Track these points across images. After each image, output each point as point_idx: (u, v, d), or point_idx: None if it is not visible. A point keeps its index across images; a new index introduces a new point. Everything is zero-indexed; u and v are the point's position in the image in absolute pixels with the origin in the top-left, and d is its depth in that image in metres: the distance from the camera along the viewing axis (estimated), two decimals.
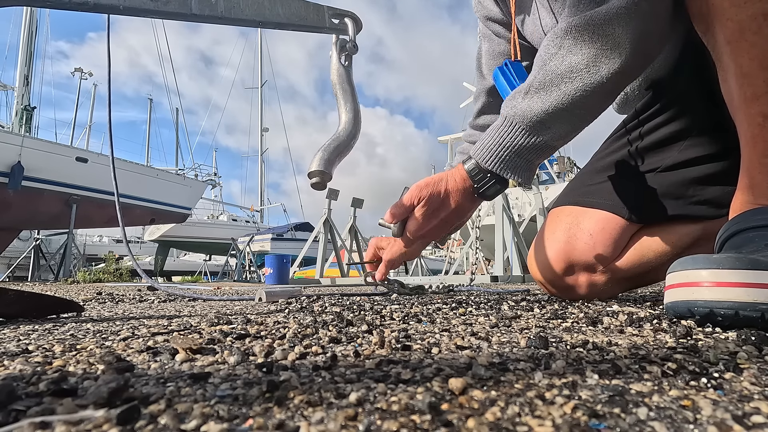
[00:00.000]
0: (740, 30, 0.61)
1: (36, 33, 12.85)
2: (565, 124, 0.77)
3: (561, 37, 0.73)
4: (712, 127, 0.90)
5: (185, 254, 23.69)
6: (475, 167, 0.82)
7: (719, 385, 0.30)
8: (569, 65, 0.72)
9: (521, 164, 0.80)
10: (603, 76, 0.71)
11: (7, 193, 7.82)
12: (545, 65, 0.75)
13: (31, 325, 0.66)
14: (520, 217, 6.88)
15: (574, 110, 0.74)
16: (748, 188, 0.66)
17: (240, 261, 12.68)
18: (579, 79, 0.72)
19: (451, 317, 0.68)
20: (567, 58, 0.72)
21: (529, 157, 0.79)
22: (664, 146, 0.96)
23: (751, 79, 0.62)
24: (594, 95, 0.73)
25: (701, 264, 0.55)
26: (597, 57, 0.70)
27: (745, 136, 0.66)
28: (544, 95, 0.74)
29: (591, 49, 0.70)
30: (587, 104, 0.74)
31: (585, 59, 0.71)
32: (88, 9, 0.71)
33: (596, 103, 0.76)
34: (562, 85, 0.73)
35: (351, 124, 0.86)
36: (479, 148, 0.82)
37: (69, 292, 2.10)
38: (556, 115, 0.75)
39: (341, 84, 0.92)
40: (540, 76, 0.75)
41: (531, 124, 0.76)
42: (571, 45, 0.72)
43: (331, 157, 0.83)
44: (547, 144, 0.78)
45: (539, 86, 0.75)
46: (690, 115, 0.93)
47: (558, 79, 0.73)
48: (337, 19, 0.91)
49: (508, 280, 3.62)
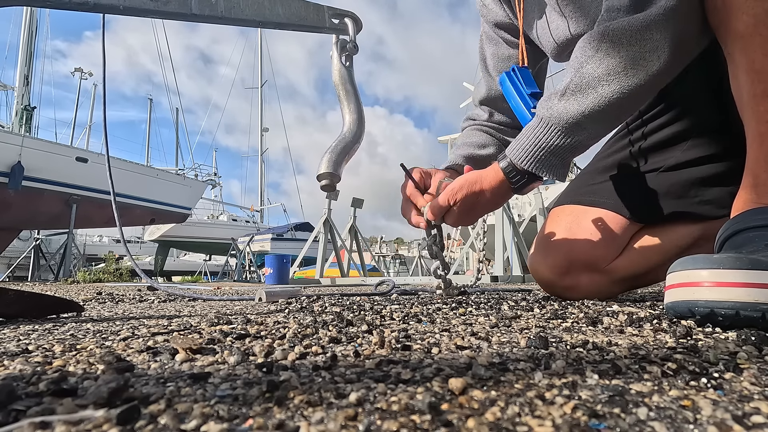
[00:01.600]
0: (755, 24, 0.60)
1: (36, 33, 12.86)
2: (601, 125, 0.78)
3: (598, 41, 0.73)
4: (716, 127, 0.90)
5: (185, 254, 23.69)
6: (510, 166, 0.83)
7: (719, 385, 0.30)
8: (607, 68, 0.72)
9: (556, 163, 0.81)
10: (642, 79, 0.71)
11: (8, 193, 7.82)
12: (582, 68, 0.75)
13: (31, 325, 0.66)
14: (520, 217, 6.88)
15: (611, 111, 0.75)
16: (752, 187, 0.65)
17: (240, 261, 12.68)
18: (617, 81, 0.72)
19: (451, 317, 0.68)
20: (605, 62, 0.72)
21: (564, 155, 0.80)
22: (668, 146, 0.95)
23: (763, 75, 0.61)
24: (631, 97, 0.73)
25: (702, 264, 0.55)
26: (636, 60, 0.71)
27: (753, 133, 0.65)
28: (581, 97, 0.75)
29: (629, 53, 0.71)
30: (624, 105, 0.75)
31: (623, 62, 0.71)
32: (88, 9, 0.71)
33: (633, 103, 0.76)
34: (600, 87, 0.73)
35: (355, 125, 0.87)
36: (515, 148, 0.82)
37: (69, 292, 2.10)
38: (592, 117, 0.75)
39: (343, 85, 0.92)
40: (577, 78, 0.75)
41: (567, 125, 0.77)
42: (609, 48, 0.72)
43: (338, 159, 0.84)
44: (582, 143, 0.79)
45: (575, 89, 0.75)
46: (694, 115, 0.93)
47: (595, 82, 0.73)
48: (337, 19, 0.91)
49: (508, 280, 3.62)
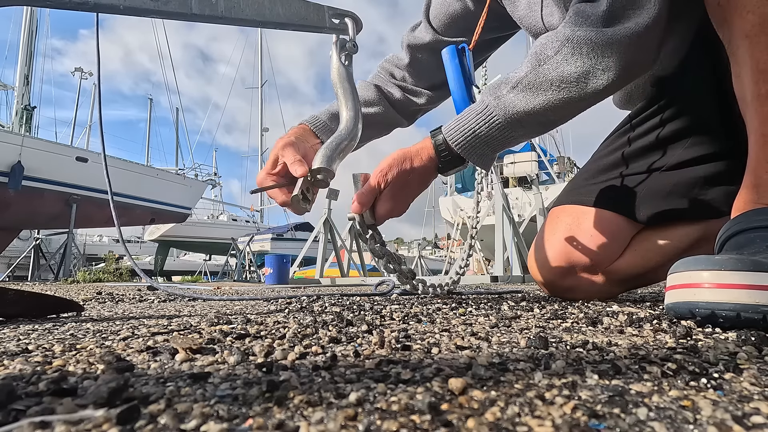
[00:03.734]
0: (761, 24, 0.60)
1: (36, 33, 12.85)
2: (539, 127, 0.80)
3: (561, 42, 0.74)
4: (718, 126, 0.89)
5: (185, 254, 23.67)
6: (443, 144, 0.83)
7: (719, 385, 0.30)
8: (561, 74, 0.74)
9: (487, 153, 0.82)
10: (588, 93, 0.74)
11: (8, 192, 7.81)
12: (539, 66, 0.76)
13: (31, 325, 0.66)
14: (520, 217, 6.87)
15: (552, 116, 0.78)
16: (754, 187, 0.65)
17: (240, 261, 12.68)
18: (566, 90, 0.74)
19: (450, 317, 0.68)
20: (561, 66, 0.74)
21: (496, 147, 0.81)
22: (669, 144, 0.95)
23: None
24: (573, 107, 0.77)
25: (703, 265, 0.55)
26: (587, 74, 0.73)
27: (755, 134, 0.65)
28: (530, 96, 0.76)
29: (585, 66, 0.73)
30: (564, 113, 0.78)
31: (577, 73, 0.73)
32: (89, 9, 0.71)
33: (571, 113, 0.79)
34: (550, 92, 0.75)
35: (352, 123, 0.87)
36: (453, 128, 0.82)
37: (69, 291, 2.10)
38: (534, 118, 0.77)
39: (342, 84, 0.92)
40: (532, 75, 0.76)
41: (509, 120, 0.78)
42: (568, 54, 0.73)
43: (333, 155, 0.84)
44: (516, 140, 0.81)
45: (528, 85, 0.76)
46: (695, 112, 0.92)
47: (547, 85, 0.75)
48: (338, 19, 0.91)
49: (508, 280, 3.62)
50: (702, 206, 0.91)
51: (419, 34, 1.15)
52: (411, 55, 1.15)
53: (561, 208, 1.06)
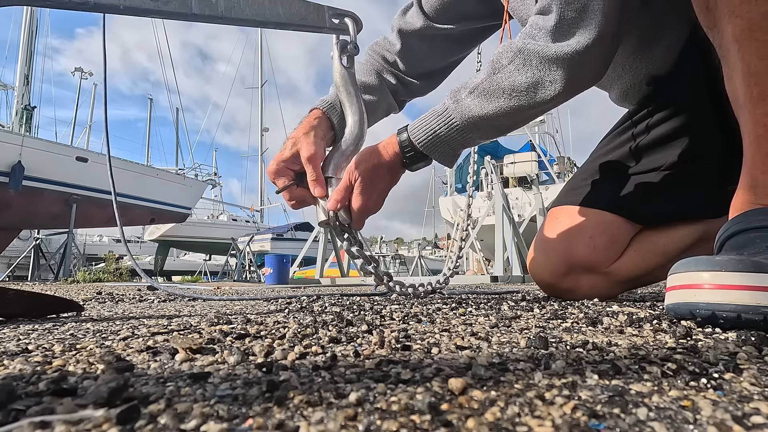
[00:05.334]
0: (750, 28, 0.60)
1: (36, 32, 12.85)
2: (493, 131, 0.88)
3: (514, 53, 0.81)
4: (714, 124, 0.89)
5: (185, 254, 23.67)
6: (407, 141, 0.89)
7: (719, 385, 0.30)
8: (512, 84, 0.81)
9: (448, 151, 0.89)
10: (536, 102, 0.81)
11: (8, 192, 7.82)
12: (494, 74, 0.82)
13: (31, 325, 0.66)
14: (520, 217, 6.87)
15: (504, 121, 0.85)
16: (750, 188, 0.65)
17: (240, 261, 12.68)
18: (517, 98, 0.81)
19: (450, 317, 0.68)
20: (512, 76, 0.81)
21: (455, 146, 0.88)
22: (667, 143, 0.95)
23: (759, 78, 0.61)
24: (523, 114, 0.84)
25: (703, 266, 0.55)
26: (537, 85, 0.80)
27: (750, 136, 0.65)
28: (484, 102, 0.83)
29: (534, 77, 0.79)
30: (515, 120, 0.86)
31: (527, 83, 0.80)
32: (89, 9, 0.71)
33: (522, 120, 0.87)
34: (502, 99, 0.82)
35: (357, 128, 0.92)
36: (417, 127, 0.88)
37: (69, 291, 2.10)
38: (488, 122, 0.84)
39: (345, 86, 0.93)
40: (487, 83, 0.83)
41: (465, 123, 0.85)
42: (520, 65, 0.80)
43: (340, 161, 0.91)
44: (474, 140, 0.89)
45: (483, 92, 0.83)
46: (692, 111, 0.93)
47: (500, 93, 0.82)
48: (338, 19, 0.91)
49: (508, 280, 3.62)
50: (701, 206, 0.91)
51: (410, 19, 1.14)
52: (402, 41, 1.14)
53: (560, 209, 1.06)
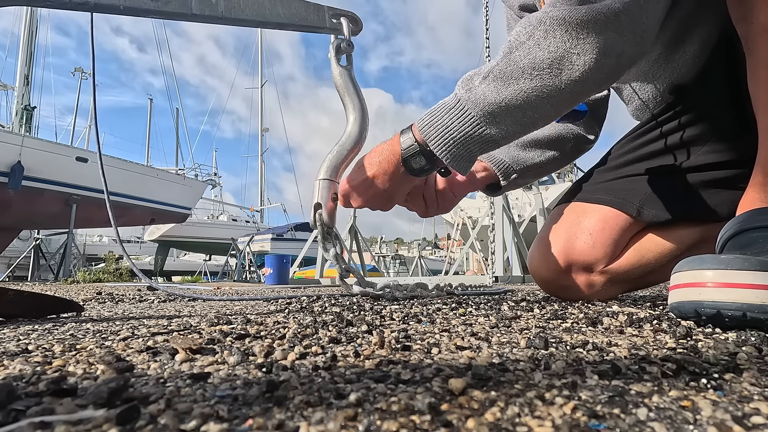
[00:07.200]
0: None
1: (36, 32, 12.85)
2: (515, 124, 0.72)
3: (534, 26, 0.68)
4: (733, 133, 0.88)
5: (185, 254, 23.67)
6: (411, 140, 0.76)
7: (719, 385, 0.30)
8: (532, 61, 0.67)
9: (463, 153, 0.74)
10: (563, 81, 0.67)
11: (8, 192, 7.82)
12: (511, 53, 0.69)
13: (31, 325, 0.66)
14: (520, 217, 6.87)
15: (527, 111, 0.70)
16: (761, 186, 0.64)
17: (240, 261, 12.67)
18: (539, 78, 0.67)
19: (450, 317, 0.68)
20: (533, 52, 0.67)
21: (472, 148, 0.74)
22: (682, 148, 0.94)
23: None
24: (549, 100, 0.69)
25: (708, 264, 0.54)
26: (561, 59, 0.66)
27: (766, 132, 0.64)
28: (501, 86, 0.69)
29: (558, 49, 0.66)
30: (540, 108, 0.70)
31: (549, 58, 0.66)
32: (89, 9, 0.71)
33: (549, 109, 0.71)
34: (522, 80, 0.68)
35: (357, 125, 0.90)
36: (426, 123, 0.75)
37: (69, 292, 2.10)
38: (508, 111, 0.70)
39: (345, 86, 0.93)
40: (503, 63, 0.69)
41: (482, 113, 0.70)
42: (540, 38, 0.67)
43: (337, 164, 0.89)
44: (493, 139, 0.73)
45: (499, 74, 0.69)
46: (712, 119, 0.90)
47: (519, 73, 0.68)
48: (337, 18, 0.91)
49: (508, 281, 3.61)
50: (709, 209, 0.90)
51: None
52: None
53: (563, 206, 1.06)
